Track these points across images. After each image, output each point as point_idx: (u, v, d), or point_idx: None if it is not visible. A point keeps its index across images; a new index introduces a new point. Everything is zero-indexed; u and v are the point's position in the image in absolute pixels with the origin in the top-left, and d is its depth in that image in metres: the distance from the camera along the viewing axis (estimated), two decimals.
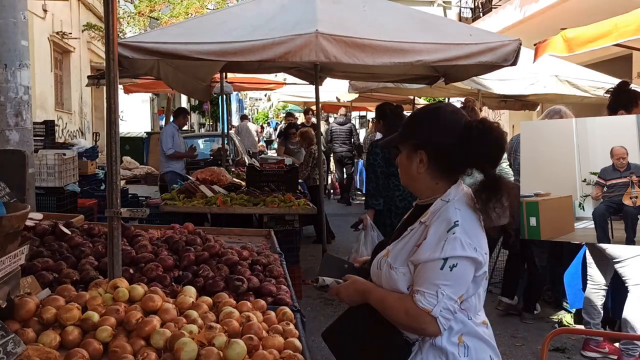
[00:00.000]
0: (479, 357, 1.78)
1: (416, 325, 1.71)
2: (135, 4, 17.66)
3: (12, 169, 3.50)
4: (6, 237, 1.81)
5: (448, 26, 6.36)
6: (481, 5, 17.23)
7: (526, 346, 4.69)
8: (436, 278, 1.67)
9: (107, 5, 2.31)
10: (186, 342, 1.80)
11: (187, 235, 3.14)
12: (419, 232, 1.78)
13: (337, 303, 5.63)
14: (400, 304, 1.72)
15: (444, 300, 1.66)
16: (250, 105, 52.52)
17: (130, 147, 17.34)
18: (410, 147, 1.87)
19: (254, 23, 5.49)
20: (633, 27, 4.39)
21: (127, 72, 6.66)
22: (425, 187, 1.86)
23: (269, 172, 6.80)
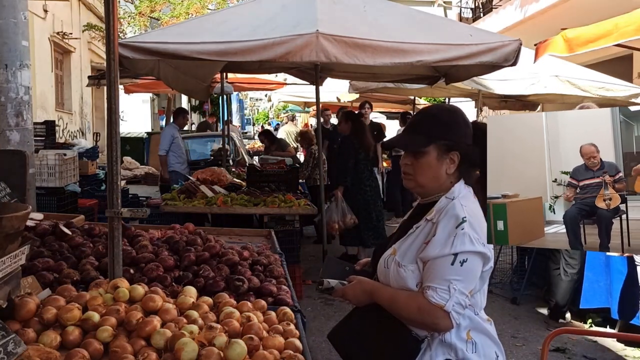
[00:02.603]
0: (486, 353, 1.81)
1: (429, 321, 1.72)
2: (135, 4, 17.68)
3: (12, 169, 3.49)
4: (6, 238, 1.81)
5: (448, 26, 6.36)
6: (482, 5, 17.22)
7: (527, 346, 4.69)
8: (447, 273, 1.69)
9: (107, 6, 2.31)
10: (186, 342, 1.80)
11: (187, 236, 3.15)
12: (427, 230, 1.80)
13: (337, 303, 5.62)
14: (412, 301, 1.74)
15: (456, 295, 1.68)
16: (250, 106, 52.49)
17: (130, 147, 17.36)
18: (442, 148, 1.85)
19: (254, 23, 5.49)
20: (633, 27, 4.39)
21: (128, 72, 6.66)
22: (439, 186, 1.87)
23: (269, 172, 6.80)
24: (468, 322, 1.79)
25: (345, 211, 6.68)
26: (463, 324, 1.77)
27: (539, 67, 7.19)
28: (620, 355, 4.59)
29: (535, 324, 5.21)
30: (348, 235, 6.96)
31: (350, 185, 6.93)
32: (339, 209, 6.67)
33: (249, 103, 51.29)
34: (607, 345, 4.75)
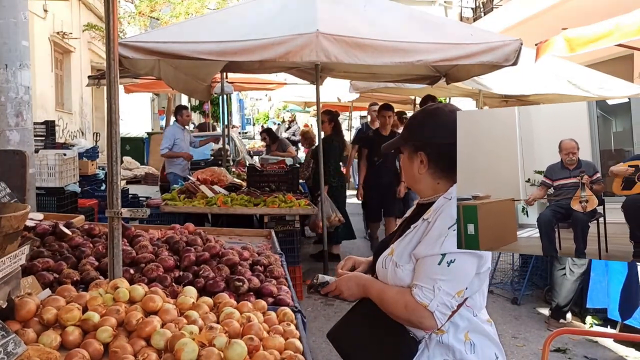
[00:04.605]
0: (485, 354, 1.80)
1: (414, 319, 1.72)
2: (135, 4, 17.68)
3: (12, 169, 3.49)
4: (6, 238, 1.81)
5: (449, 26, 6.35)
6: (482, 5, 17.22)
7: (527, 347, 4.69)
8: (434, 273, 1.69)
9: (107, 5, 2.30)
10: (187, 343, 1.79)
11: (187, 236, 3.14)
12: (422, 230, 1.80)
13: (338, 303, 5.62)
14: (400, 297, 1.74)
15: (440, 295, 1.68)
16: (250, 106, 52.50)
17: (130, 147, 17.36)
18: (410, 149, 1.90)
19: (254, 23, 5.49)
20: (634, 27, 4.38)
21: (128, 72, 6.66)
22: (427, 187, 1.89)
23: (269, 173, 6.79)
24: (466, 323, 1.78)
25: (331, 210, 6.72)
26: (461, 325, 1.77)
27: (540, 67, 7.18)
28: (621, 356, 4.59)
29: (536, 325, 5.21)
30: (334, 233, 7.06)
31: (336, 184, 7.30)
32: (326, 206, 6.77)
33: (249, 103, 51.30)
34: (607, 345, 4.75)
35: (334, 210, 6.78)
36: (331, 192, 7.01)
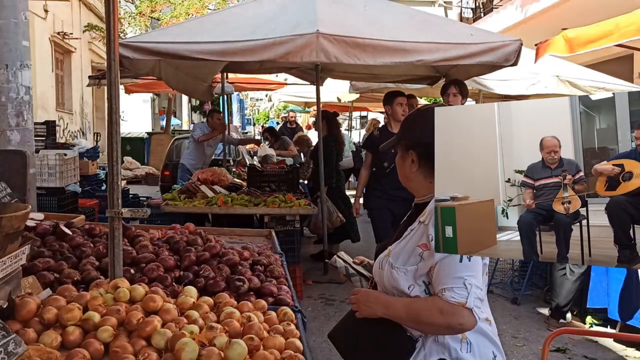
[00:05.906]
0: (482, 352, 1.79)
1: (454, 321, 1.67)
2: (136, 4, 17.69)
3: (13, 169, 3.50)
4: (7, 237, 1.81)
5: (449, 26, 6.35)
6: (482, 5, 17.22)
7: (527, 346, 4.69)
8: (458, 271, 1.67)
9: (108, 6, 2.31)
10: (187, 343, 1.80)
11: (188, 236, 3.14)
12: (419, 232, 1.80)
13: (337, 303, 5.63)
14: (432, 305, 1.70)
15: (473, 290, 1.67)
16: (251, 106, 52.53)
17: (131, 147, 17.39)
18: (402, 148, 1.93)
19: (254, 23, 5.49)
20: (634, 28, 4.38)
21: (128, 73, 6.67)
22: (420, 185, 1.90)
23: (269, 173, 6.80)
24: None
25: (331, 210, 6.72)
26: None
27: (540, 67, 7.18)
28: (621, 356, 4.59)
29: (535, 324, 5.21)
30: (335, 233, 7.02)
31: (335, 184, 7.21)
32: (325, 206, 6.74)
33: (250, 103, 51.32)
34: (607, 345, 4.75)
35: (334, 210, 6.77)
36: (330, 193, 7.00)
